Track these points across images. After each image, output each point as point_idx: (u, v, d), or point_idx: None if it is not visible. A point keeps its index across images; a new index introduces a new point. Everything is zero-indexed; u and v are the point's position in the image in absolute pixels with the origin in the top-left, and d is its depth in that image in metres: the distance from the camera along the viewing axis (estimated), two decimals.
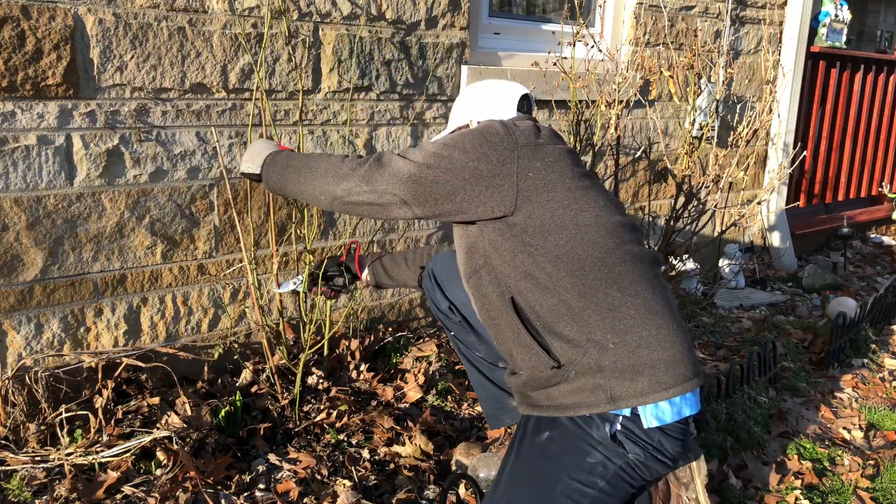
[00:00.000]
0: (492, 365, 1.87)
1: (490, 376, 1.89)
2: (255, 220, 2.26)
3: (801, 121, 4.27)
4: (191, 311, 2.22)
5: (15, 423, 1.86)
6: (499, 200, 1.43)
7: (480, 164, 1.44)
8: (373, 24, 2.37)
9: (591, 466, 1.39)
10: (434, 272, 1.88)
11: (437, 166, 1.45)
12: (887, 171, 5.09)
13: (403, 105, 2.51)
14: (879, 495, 2.02)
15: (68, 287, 1.99)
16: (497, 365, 1.87)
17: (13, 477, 1.73)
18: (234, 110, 2.17)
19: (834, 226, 4.44)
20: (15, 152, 1.85)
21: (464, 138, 1.48)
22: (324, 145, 2.35)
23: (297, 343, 2.33)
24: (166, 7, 1.99)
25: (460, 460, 1.97)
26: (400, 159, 1.48)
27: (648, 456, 1.39)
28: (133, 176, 2.04)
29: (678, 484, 1.64)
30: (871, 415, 2.46)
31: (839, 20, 4.38)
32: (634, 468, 1.40)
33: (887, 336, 3.14)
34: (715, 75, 3.42)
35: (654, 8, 3.24)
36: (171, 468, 1.75)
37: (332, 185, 1.54)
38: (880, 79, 4.78)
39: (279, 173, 1.66)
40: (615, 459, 1.39)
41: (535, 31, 3.00)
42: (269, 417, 2.08)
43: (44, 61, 1.84)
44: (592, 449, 1.40)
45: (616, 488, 1.41)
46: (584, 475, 1.40)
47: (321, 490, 1.81)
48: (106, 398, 1.92)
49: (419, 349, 2.55)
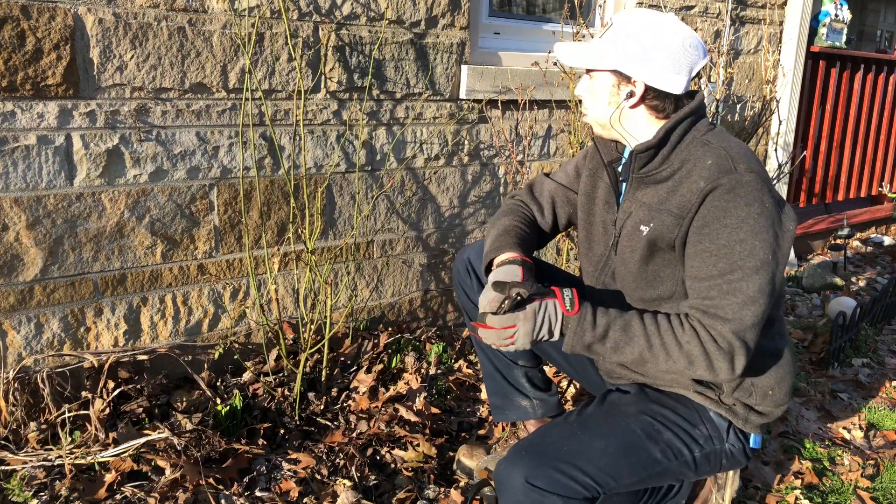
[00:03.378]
0: (511, 362, 1.88)
1: (504, 372, 1.89)
2: (256, 219, 2.26)
3: (801, 120, 4.27)
4: (191, 311, 2.22)
5: (15, 423, 1.86)
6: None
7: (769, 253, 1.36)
8: (373, 23, 2.37)
9: (696, 436, 1.49)
10: (474, 267, 1.83)
11: (763, 301, 1.35)
12: (887, 170, 5.09)
13: (403, 105, 2.51)
14: (879, 495, 2.02)
15: (68, 287, 1.99)
16: (516, 363, 1.87)
17: (13, 476, 1.73)
18: (233, 110, 2.17)
19: (834, 225, 4.44)
20: (15, 152, 1.85)
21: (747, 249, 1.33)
22: (324, 145, 2.35)
23: (296, 343, 2.33)
24: (166, 7, 1.99)
25: (463, 462, 1.97)
26: (745, 329, 1.34)
27: (740, 451, 1.53)
28: (133, 176, 2.04)
29: (714, 484, 1.74)
30: (871, 415, 2.46)
31: (839, 20, 4.38)
32: (725, 456, 1.52)
33: (887, 336, 3.14)
34: (715, 75, 3.42)
35: (653, 8, 3.24)
36: (171, 468, 1.75)
37: (696, 373, 1.38)
38: (880, 79, 4.78)
39: (612, 352, 1.40)
40: (716, 442, 1.50)
41: (536, 30, 3.00)
42: (269, 417, 2.08)
43: (44, 61, 1.84)
44: (702, 424, 1.50)
45: (701, 465, 1.50)
46: (688, 437, 1.48)
47: (321, 490, 1.81)
48: (106, 398, 1.92)
49: (419, 349, 2.55)
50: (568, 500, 1.31)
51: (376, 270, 2.59)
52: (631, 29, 1.42)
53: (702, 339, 1.33)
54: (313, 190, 2.35)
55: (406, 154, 2.56)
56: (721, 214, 1.34)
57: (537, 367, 1.92)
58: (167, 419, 1.99)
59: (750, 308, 1.32)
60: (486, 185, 2.80)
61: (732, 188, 1.34)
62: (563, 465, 1.33)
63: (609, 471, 1.36)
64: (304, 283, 2.36)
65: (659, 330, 1.36)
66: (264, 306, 2.33)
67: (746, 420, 1.51)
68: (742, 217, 1.33)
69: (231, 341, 2.30)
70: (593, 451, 1.37)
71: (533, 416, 1.91)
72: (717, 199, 1.35)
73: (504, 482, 1.35)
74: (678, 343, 1.34)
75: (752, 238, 1.33)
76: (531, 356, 1.89)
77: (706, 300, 1.35)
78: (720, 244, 1.34)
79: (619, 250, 1.54)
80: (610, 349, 1.37)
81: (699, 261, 1.37)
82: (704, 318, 1.34)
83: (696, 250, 1.38)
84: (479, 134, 2.74)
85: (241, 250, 2.26)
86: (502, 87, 2.71)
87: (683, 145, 1.44)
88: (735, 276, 1.33)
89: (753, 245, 1.33)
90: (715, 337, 1.33)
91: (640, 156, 1.46)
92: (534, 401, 1.90)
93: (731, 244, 1.33)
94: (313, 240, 2.16)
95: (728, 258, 1.33)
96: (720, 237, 1.34)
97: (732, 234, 1.33)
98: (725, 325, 1.32)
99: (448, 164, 2.67)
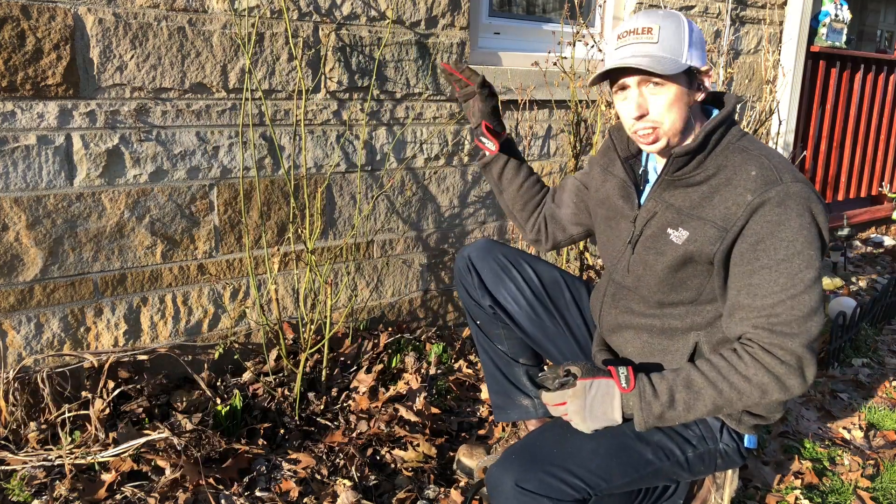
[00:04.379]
0: (512, 360, 1.88)
1: (506, 371, 1.89)
2: (256, 219, 2.27)
3: (801, 120, 4.27)
4: (191, 311, 2.22)
5: (15, 423, 1.86)
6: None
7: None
8: (373, 23, 2.37)
9: (688, 437, 1.47)
10: (475, 265, 1.82)
11: (822, 308, 1.35)
12: (887, 170, 5.09)
13: (403, 105, 2.51)
14: (879, 495, 2.02)
15: (68, 287, 1.99)
16: (518, 361, 1.88)
17: (13, 477, 1.73)
18: (233, 110, 2.17)
19: (834, 225, 4.44)
20: (15, 152, 1.85)
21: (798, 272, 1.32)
22: (324, 145, 2.35)
23: (296, 343, 2.33)
24: (166, 7, 1.99)
25: (463, 462, 1.97)
26: (806, 351, 1.32)
27: (735, 450, 1.52)
28: (133, 176, 2.04)
29: (713, 483, 1.73)
30: (871, 415, 2.46)
31: (839, 20, 4.38)
32: (720, 456, 1.51)
33: (887, 336, 3.14)
34: (715, 75, 3.42)
35: (653, 8, 3.24)
36: (171, 468, 1.75)
37: (771, 399, 1.36)
38: (880, 79, 4.78)
39: (686, 413, 1.37)
40: (709, 442, 1.49)
41: (535, 30, 3.00)
42: (269, 417, 2.08)
43: (44, 61, 1.84)
44: (695, 424, 1.50)
45: (695, 465, 1.48)
46: (680, 438, 1.47)
47: (321, 490, 1.81)
48: (106, 398, 1.92)
49: (419, 349, 2.55)
50: (558, 502, 1.31)
51: (376, 270, 2.59)
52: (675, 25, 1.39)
53: (767, 366, 1.31)
54: (313, 190, 2.35)
55: (406, 154, 2.56)
56: (775, 229, 1.32)
57: (539, 366, 1.92)
58: (167, 419, 1.99)
59: (814, 319, 1.31)
60: (486, 186, 2.80)
61: (782, 201, 1.32)
62: (552, 467, 1.33)
63: (599, 472, 1.35)
64: (304, 283, 2.36)
65: (722, 374, 1.33)
66: (264, 306, 2.33)
67: (740, 421, 1.50)
68: (796, 229, 1.31)
69: (231, 341, 2.30)
70: (583, 453, 1.37)
71: (534, 416, 1.90)
72: (769, 214, 1.33)
73: (495, 486, 1.35)
74: (746, 378, 1.32)
75: (808, 248, 1.31)
76: (532, 354, 1.89)
77: (771, 318, 1.32)
78: (778, 259, 1.32)
79: (637, 249, 1.51)
80: (682, 412, 1.35)
81: (758, 278, 1.34)
82: (771, 338, 1.32)
83: (752, 268, 1.35)
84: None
85: (241, 250, 2.26)
86: (502, 87, 2.71)
87: (720, 149, 1.41)
88: (798, 290, 1.31)
89: (809, 255, 1.31)
90: (780, 357, 1.31)
91: (678, 159, 1.42)
92: (535, 400, 1.89)
93: (789, 257, 1.31)
94: (313, 240, 2.16)
95: (788, 272, 1.31)
96: (778, 252, 1.32)
97: (790, 248, 1.31)
98: (794, 341, 1.30)
99: (448, 164, 2.67)
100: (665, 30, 1.38)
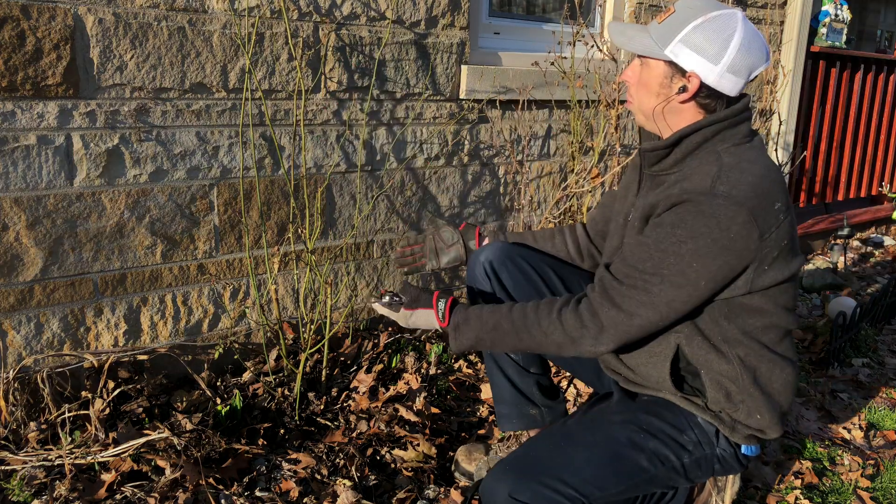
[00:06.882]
0: (523, 369, 1.82)
1: (516, 381, 1.82)
2: (256, 219, 2.27)
3: (801, 120, 4.27)
4: (191, 311, 2.22)
5: (15, 423, 1.86)
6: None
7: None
8: (373, 23, 2.37)
9: (684, 442, 1.46)
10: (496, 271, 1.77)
11: (663, 314, 1.40)
12: (887, 170, 5.09)
13: (403, 105, 2.51)
14: (879, 495, 2.02)
15: (68, 287, 1.99)
16: (529, 370, 1.82)
17: (13, 476, 1.73)
18: (233, 110, 2.17)
19: (834, 225, 4.44)
20: (15, 152, 1.85)
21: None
22: (324, 145, 2.35)
23: (297, 343, 2.33)
24: (166, 7, 1.99)
25: (461, 464, 1.97)
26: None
27: (732, 455, 1.50)
28: (133, 176, 2.04)
29: (714, 487, 1.72)
30: (871, 414, 2.46)
31: (839, 20, 4.38)
32: (717, 461, 1.49)
33: (887, 336, 3.14)
34: None
35: (654, 8, 3.24)
36: (171, 468, 1.75)
37: (565, 350, 1.43)
38: (880, 79, 4.78)
39: (491, 341, 1.50)
40: (706, 447, 1.48)
41: (535, 30, 3.00)
42: (269, 417, 2.08)
43: (44, 61, 1.84)
44: (690, 429, 1.47)
45: (691, 471, 1.47)
46: (675, 444, 1.46)
47: (321, 490, 1.81)
48: (106, 398, 1.92)
49: (419, 349, 2.55)
50: None
51: (376, 270, 2.59)
52: (694, 20, 1.35)
53: (568, 329, 1.40)
54: (313, 190, 2.35)
55: (406, 154, 2.56)
56: (677, 222, 1.31)
57: (546, 375, 1.87)
58: (167, 419, 1.99)
59: (647, 312, 1.34)
60: (486, 186, 2.80)
61: (698, 205, 1.30)
62: (546, 478, 1.32)
63: (594, 481, 1.35)
64: (304, 283, 2.36)
65: (526, 324, 1.45)
66: (264, 306, 2.33)
67: (733, 429, 1.47)
68: (692, 234, 1.29)
69: (231, 341, 2.30)
70: (577, 463, 1.36)
71: (540, 425, 1.84)
72: (681, 210, 1.32)
73: (489, 497, 1.34)
74: (545, 334, 1.42)
75: (694, 258, 1.30)
76: (541, 363, 1.84)
77: (614, 280, 1.38)
78: (659, 244, 1.33)
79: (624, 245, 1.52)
80: (489, 346, 1.50)
81: (632, 245, 1.39)
82: (600, 298, 1.38)
83: (637, 239, 1.39)
84: (479, 134, 2.74)
85: (241, 250, 2.26)
86: (502, 87, 2.71)
87: (702, 152, 1.38)
88: (652, 275, 1.33)
89: (688, 264, 1.30)
90: (587, 322, 1.37)
91: (648, 154, 1.43)
92: (542, 409, 1.84)
93: (667, 250, 1.31)
94: (313, 240, 2.16)
95: (656, 258, 1.33)
96: (662, 240, 1.32)
97: (675, 244, 1.31)
98: (612, 312, 1.36)
99: (448, 164, 2.67)
100: (674, 18, 1.38)
